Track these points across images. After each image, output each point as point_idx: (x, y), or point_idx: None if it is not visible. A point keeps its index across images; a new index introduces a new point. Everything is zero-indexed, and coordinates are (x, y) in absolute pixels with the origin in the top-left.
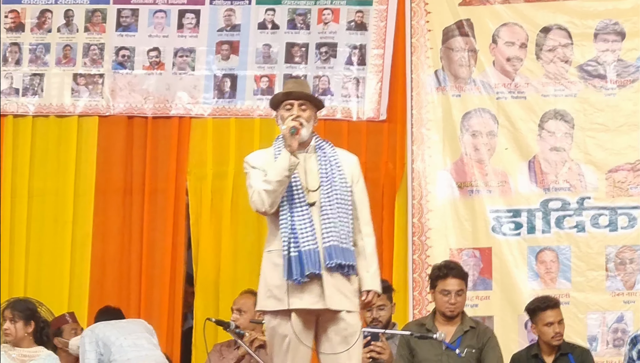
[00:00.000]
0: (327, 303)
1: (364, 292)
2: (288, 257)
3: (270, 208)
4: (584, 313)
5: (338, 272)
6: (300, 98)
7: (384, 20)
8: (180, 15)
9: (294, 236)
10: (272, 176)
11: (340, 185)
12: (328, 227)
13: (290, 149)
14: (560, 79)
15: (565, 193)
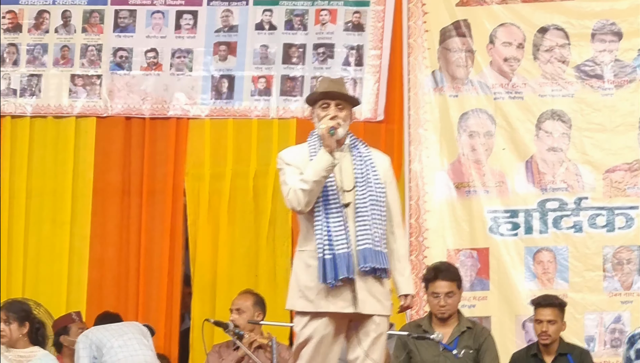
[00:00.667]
0: (359, 308)
1: (402, 296)
2: (323, 260)
3: (306, 207)
4: (581, 313)
5: (371, 275)
6: (337, 98)
7: (381, 20)
8: (178, 16)
9: (329, 238)
10: (309, 176)
11: (375, 186)
12: (362, 229)
13: (329, 149)
14: (557, 79)
15: (563, 193)
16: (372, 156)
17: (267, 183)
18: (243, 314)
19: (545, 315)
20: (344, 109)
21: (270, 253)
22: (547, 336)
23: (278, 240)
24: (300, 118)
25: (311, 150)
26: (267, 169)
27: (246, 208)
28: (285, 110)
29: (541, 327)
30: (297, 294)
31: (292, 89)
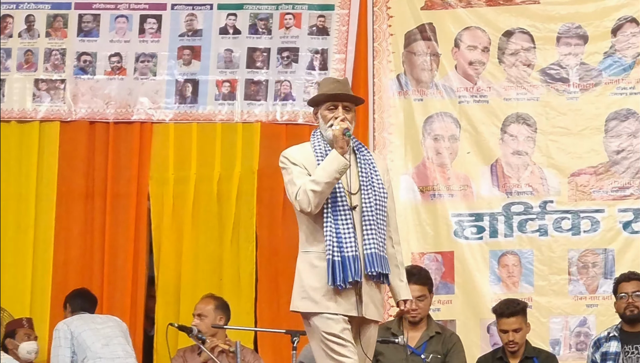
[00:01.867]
0: (364, 312)
1: (401, 301)
2: (332, 262)
3: (316, 208)
4: (546, 317)
5: (374, 280)
6: (346, 99)
7: (345, 24)
8: (142, 21)
9: (338, 240)
10: (321, 177)
11: (379, 190)
12: (369, 233)
13: (342, 151)
14: (522, 82)
15: (528, 197)
16: (374, 159)
17: (231, 187)
18: (205, 319)
19: (510, 325)
20: (351, 111)
21: (235, 257)
22: (515, 344)
23: (242, 244)
24: (264, 122)
25: (317, 149)
26: (231, 172)
27: (210, 212)
28: (249, 114)
29: (507, 337)
30: (301, 295)
31: (257, 93)
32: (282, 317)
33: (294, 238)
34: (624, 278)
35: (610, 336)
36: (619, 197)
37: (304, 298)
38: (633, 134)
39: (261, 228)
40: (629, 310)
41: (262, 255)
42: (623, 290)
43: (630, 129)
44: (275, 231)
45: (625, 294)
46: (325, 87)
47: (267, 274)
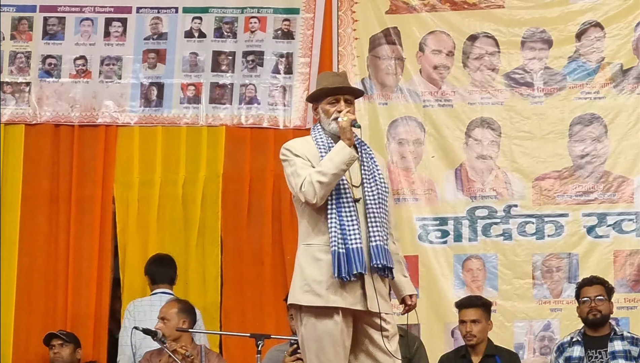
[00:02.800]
0: (369, 305)
1: (407, 296)
2: (337, 254)
3: (321, 200)
4: (510, 321)
5: (378, 273)
6: (347, 92)
7: (310, 28)
8: (107, 24)
9: (342, 233)
10: (328, 168)
11: (381, 184)
12: (374, 225)
13: (350, 143)
14: (487, 87)
15: (492, 201)
16: (374, 155)
17: (196, 191)
18: (168, 322)
19: (468, 316)
20: (352, 103)
21: (200, 261)
22: (472, 336)
23: (207, 247)
24: (229, 125)
25: (319, 142)
26: (196, 176)
27: (175, 216)
28: (214, 117)
29: (465, 328)
30: (303, 288)
31: (222, 96)
32: (247, 321)
33: (259, 242)
34: (586, 282)
35: (574, 341)
36: (583, 202)
37: (306, 292)
38: (597, 139)
39: (226, 232)
40: (591, 314)
41: (227, 258)
42: (586, 295)
43: (594, 133)
44: (240, 235)
45: (588, 298)
46: (325, 81)
47: (232, 278)
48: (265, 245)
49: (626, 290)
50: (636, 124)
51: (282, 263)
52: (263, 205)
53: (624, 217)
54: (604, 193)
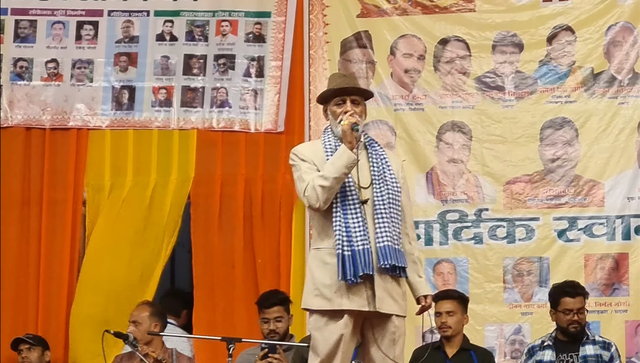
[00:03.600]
0: (378, 306)
1: (422, 297)
2: (342, 256)
3: (324, 204)
4: (481, 325)
5: (388, 274)
6: (353, 93)
7: (282, 32)
8: (79, 27)
9: (347, 235)
10: (329, 172)
11: (392, 184)
12: (382, 226)
13: (351, 146)
14: (458, 90)
15: (463, 205)
16: (387, 155)
17: (167, 194)
18: (140, 326)
19: (444, 307)
20: (360, 104)
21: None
22: (447, 327)
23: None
24: (200, 129)
25: (327, 145)
26: (167, 179)
27: (146, 219)
28: (185, 121)
29: (440, 319)
30: (313, 293)
31: (193, 99)
32: (219, 324)
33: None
34: (568, 293)
35: (545, 345)
36: (554, 206)
37: (316, 296)
38: (568, 143)
39: (196, 235)
40: (572, 326)
41: (198, 262)
42: (567, 306)
43: (565, 137)
44: (210, 238)
45: (569, 310)
46: (333, 82)
47: (203, 281)
48: (236, 249)
49: (597, 294)
50: (607, 128)
51: (253, 267)
52: (234, 208)
53: (595, 221)
54: (575, 197)
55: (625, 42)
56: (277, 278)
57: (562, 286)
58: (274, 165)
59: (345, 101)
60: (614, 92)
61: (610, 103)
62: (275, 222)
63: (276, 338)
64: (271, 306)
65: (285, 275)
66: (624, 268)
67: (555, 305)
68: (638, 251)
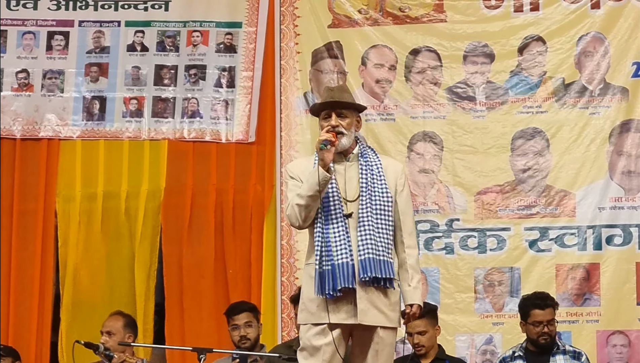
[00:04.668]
0: (360, 318)
1: (407, 306)
2: (320, 272)
3: (304, 222)
4: (452, 335)
5: (373, 285)
6: (336, 106)
7: (253, 42)
8: (50, 37)
9: (327, 249)
10: (304, 191)
11: (381, 195)
12: (364, 238)
13: (322, 164)
14: (429, 100)
15: (434, 215)
16: (382, 164)
17: (139, 204)
18: (113, 336)
19: (415, 328)
20: (347, 117)
21: (145, 275)
22: (421, 347)
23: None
24: (171, 139)
25: (315, 161)
26: (138, 190)
27: (118, 230)
28: (156, 131)
29: (413, 340)
30: (301, 307)
31: (164, 110)
32: (190, 335)
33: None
34: (538, 305)
35: (516, 355)
36: (525, 216)
37: (302, 310)
38: (539, 153)
39: (167, 245)
40: (542, 338)
41: (169, 272)
42: (537, 318)
43: (536, 147)
44: (181, 249)
45: (539, 322)
46: (322, 95)
47: (174, 292)
48: (207, 259)
49: (568, 304)
50: (578, 138)
51: (224, 277)
52: (205, 219)
53: (566, 231)
54: (546, 207)
55: (596, 52)
56: (248, 288)
57: (532, 298)
58: (245, 176)
59: (330, 115)
60: (585, 103)
61: (581, 113)
62: (246, 233)
63: (247, 344)
64: (240, 312)
65: (256, 286)
66: (595, 278)
67: (525, 317)
68: (609, 261)
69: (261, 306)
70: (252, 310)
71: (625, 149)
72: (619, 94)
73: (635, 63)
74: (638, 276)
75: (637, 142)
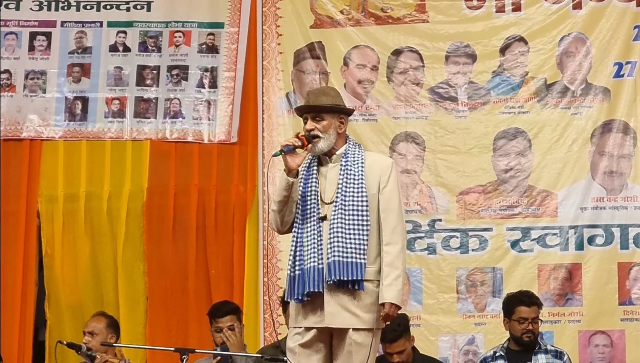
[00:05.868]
0: (327, 322)
1: (379, 305)
2: (291, 276)
3: (283, 227)
4: (435, 335)
5: (342, 288)
6: (312, 111)
7: (235, 42)
8: (32, 38)
9: (299, 253)
10: (275, 196)
11: (355, 196)
12: (333, 241)
13: (285, 169)
14: (411, 101)
15: (417, 215)
16: (368, 162)
17: (121, 205)
18: (96, 337)
19: (394, 348)
20: (325, 120)
21: (129, 275)
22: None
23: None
24: (154, 140)
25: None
26: (120, 190)
27: (101, 230)
28: (139, 131)
29: (393, 359)
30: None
31: (146, 110)
32: (172, 335)
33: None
34: (524, 302)
35: (497, 355)
36: (507, 216)
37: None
38: (521, 153)
39: (150, 246)
40: (526, 335)
41: (152, 273)
42: (522, 315)
43: (518, 147)
44: (164, 249)
45: (524, 319)
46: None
47: (157, 292)
48: (189, 260)
49: (550, 304)
50: (560, 139)
51: (206, 278)
52: (187, 219)
53: (548, 232)
54: (528, 207)
55: (578, 52)
56: (230, 289)
57: (517, 295)
58: (228, 176)
59: (307, 119)
60: (567, 103)
61: (563, 113)
62: (228, 233)
63: None
64: (224, 315)
65: (238, 286)
66: (577, 278)
67: (510, 314)
68: (591, 261)
69: (243, 306)
70: (235, 311)
71: (607, 149)
72: (601, 94)
73: (617, 63)
74: (620, 276)
75: (618, 143)
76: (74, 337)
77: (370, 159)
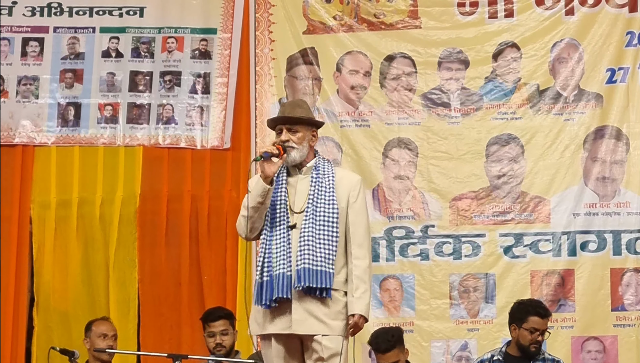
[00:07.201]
0: (294, 328)
1: (349, 316)
2: (260, 283)
3: (251, 233)
4: (427, 341)
5: (310, 295)
6: (287, 122)
7: (228, 48)
8: (24, 43)
9: (268, 260)
10: (247, 202)
11: (326, 207)
12: (303, 249)
13: (262, 176)
14: (404, 107)
15: (409, 221)
16: (337, 176)
17: (114, 211)
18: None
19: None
20: (299, 131)
21: (122, 281)
22: None
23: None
24: (146, 146)
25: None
26: (113, 196)
27: (94, 236)
28: (131, 137)
29: None
30: (252, 318)
31: (139, 116)
32: (165, 341)
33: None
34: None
35: (495, 359)
36: (499, 222)
37: (252, 321)
38: (514, 159)
39: (143, 252)
40: (534, 346)
41: (144, 279)
42: (535, 326)
43: (511, 153)
44: (157, 255)
45: (536, 330)
46: None
47: (149, 298)
48: (182, 265)
49: None
50: (552, 145)
51: (199, 284)
52: (180, 225)
53: (541, 237)
54: (521, 213)
55: (570, 58)
56: (223, 295)
57: (533, 305)
58: (220, 182)
59: (281, 130)
60: (559, 109)
61: (555, 119)
62: (221, 239)
63: (223, 352)
64: (217, 319)
65: (231, 292)
66: (569, 284)
67: (521, 322)
68: (584, 267)
69: (236, 313)
70: (228, 317)
71: (599, 155)
72: (594, 100)
73: (610, 69)
74: (612, 282)
75: (611, 148)
76: (62, 344)
77: (339, 174)
